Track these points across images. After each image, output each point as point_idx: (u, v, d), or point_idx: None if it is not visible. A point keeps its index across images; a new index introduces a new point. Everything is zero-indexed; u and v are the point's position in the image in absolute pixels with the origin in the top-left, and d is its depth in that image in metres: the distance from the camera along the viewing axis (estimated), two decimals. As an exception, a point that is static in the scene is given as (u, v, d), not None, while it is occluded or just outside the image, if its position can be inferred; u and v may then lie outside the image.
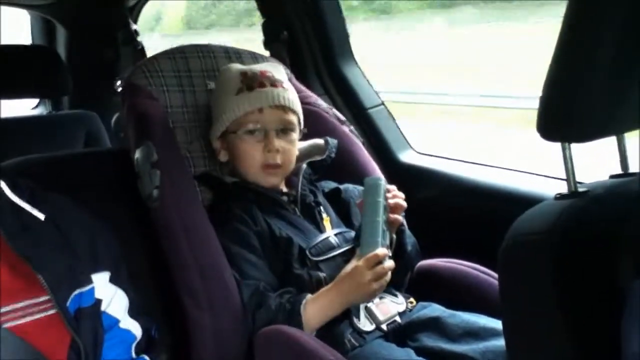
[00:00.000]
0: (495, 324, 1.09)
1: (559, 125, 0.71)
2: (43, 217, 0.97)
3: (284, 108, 1.26)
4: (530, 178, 1.48)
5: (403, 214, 1.25)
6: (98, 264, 0.99)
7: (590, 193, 0.75)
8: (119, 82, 2.18)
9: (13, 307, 0.89)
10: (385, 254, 1.13)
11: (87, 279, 0.97)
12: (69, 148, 2.04)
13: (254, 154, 1.26)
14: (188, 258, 1.15)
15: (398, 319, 1.18)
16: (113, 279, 1.01)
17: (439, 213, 1.53)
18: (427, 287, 1.30)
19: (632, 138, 0.84)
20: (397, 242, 1.25)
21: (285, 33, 1.82)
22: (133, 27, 2.40)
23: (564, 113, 0.70)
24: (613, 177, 0.83)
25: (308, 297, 1.14)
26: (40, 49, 2.43)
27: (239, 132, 1.26)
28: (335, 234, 1.26)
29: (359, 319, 1.15)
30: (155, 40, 2.31)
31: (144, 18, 2.66)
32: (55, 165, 1.30)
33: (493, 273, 1.24)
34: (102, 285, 0.99)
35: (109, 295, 1.00)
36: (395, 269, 1.15)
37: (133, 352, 1.02)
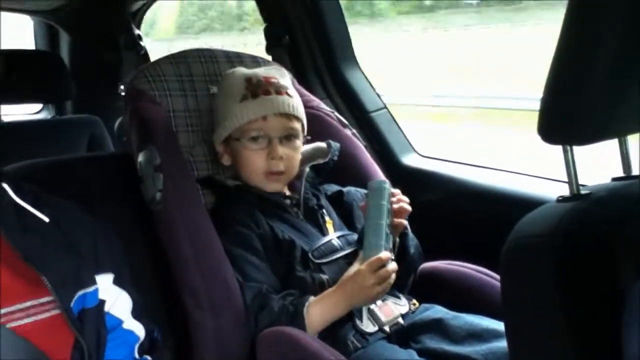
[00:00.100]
0: (498, 326, 1.09)
1: (560, 128, 0.71)
2: (47, 219, 0.97)
3: (288, 116, 1.26)
4: (533, 181, 1.49)
5: (406, 217, 1.25)
6: (102, 266, 1.00)
7: (593, 195, 0.75)
8: (122, 86, 2.19)
9: (16, 307, 0.89)
10: (389, 258, 1.13)
11: (91, 280, 0.97)
12: (73, 152, 2.05)
13: (258, 161, 1.26)
14: (190, 260, 1.15)
15: (401, 321, 1.18)
16: (117, 281, 1.01)
17: (442, 216, 1.54)
18: (429, 289, 1.30)
19: (633, 140, 0.84)
20: (400, 244, 1.25)
21: (287, 37, 1.83)
22: (136, 32, 2.41)
23: (565, 115, 0.70)
24: (615, 179, 0.83)
25: (311, 299, 1.14)
26: (44, 54, 2.44)
27: (243, 139, 1.26)
28: (338, 237, 1.26)
29: (362, 321, 1.15)
30: (149, 45, 2.34)
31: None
32: (59, 169, 1.31)
33: (495, 275, 1.24)
34: (105, 287, 0.99)
35: (113, 297, 1.00)
36: (398, 271, 1.15)
37: (136, 353, 1.02)
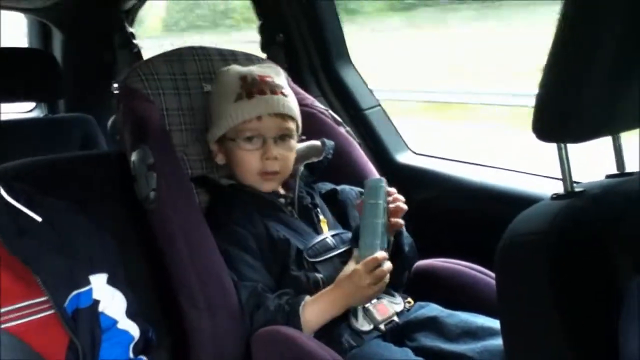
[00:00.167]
0: (493, 324, 1.09)
1: (555, 126, 0.71)
2: (40, 219, 0.97)
3: (283, 116, 1.26)
4: (527, 178, 1.49)
5: (402, 216, 1.24)
6: (96, 266, 0.99)
7: (587, 193, 0.75)
8: (115, 85, 2.18)
9: (10, 308, 0.89)
10: (384, 257, 1.13)
11: (85, 280, 0.97)
12: (65, 151, 2.03)
13: (252, 162, 1.25)
14: (185, 260, 1.15)
15: (396, 319, 1.18)
16: (111, 281, 1.01)
17: (436, 213, 1.54)
18: (424, 287, 1.30)
19: (630, 137, 0.84)
20: (394, 242, 1.25)
21: (282, 35, 1.83)
22: (129, 30, 2.40)
23: (560, 113, 0.70)
24: (609, 176, 0.84)
25: (307, 298, 1.13)
26: (37, 53, 2.42)
27: (237, 139, 1.25)
28: (332, 235, 1.26)
29: (357, 319, 1.15)
30: (140, 43, 2.35)
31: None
32: (51, 169, 1.30)
33: (490, 273, 1.24)
34: (100, 287, 0.99)
35: (107, 296, 1.00)
36: (393, 270, 1.15)
37: (131, 352, 1.02)
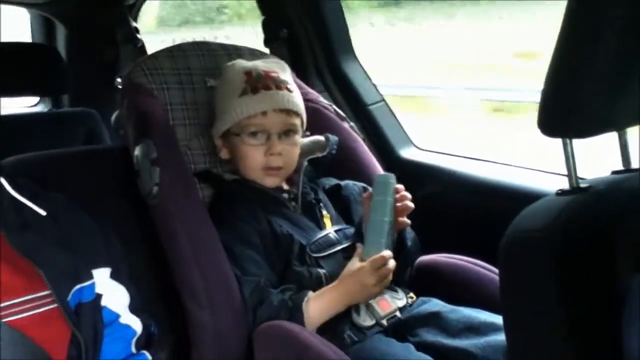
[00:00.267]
0: (496, 319, 1.09)
1: (560, 121, 0.71)
2: (44, 213, 0.97)
3: (288, 111, 1.25)
4: (532, 174, 1.48)
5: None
6: (98, 260, 0.99)
7: (592, 189, 0.75)
8: (119, 79, 2.18)
9: (13, 301, 0.89)
10: (390, 257, 1.13)
11: (87, 274, 0.97)
12: (69, 146, 2.04)
13: (256, 157, 1.25)
14: (187, 255, 1.15)
15: (398, 314, 1.18)
16: (114, 275, 1.01)
17: (440, 209, 1.53)
18: (427, 282, 1.30)
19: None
20: (397, 237, 1.25)
21: (285, 31, 1.82)
22: (132, 24, 2.39)
23: (565, 109, 0.70)
24: (615, 172, 0.83)
25: (310, 294, 1.13)
26: (40, 47, 2.42)
27: (242, 134, 1.25)
28: (336, 231, 1.26)
29: (359, 315, 1.15)
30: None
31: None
32: (56, 163, 1.30)
33: (494, 268, 1.24)
34: (102, 281, 0.99)
35: (110, 291, 1.00)
36: (396, 265, 1.15)
37: (133, 347, 1.02)
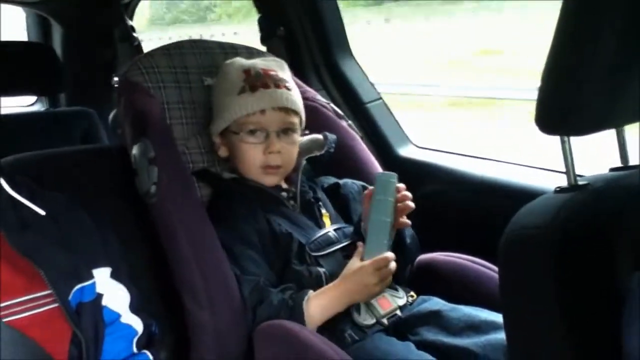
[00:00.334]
0: (496, 318, 1.09)
1: (558, 119, 0.71)
2: (43, 212, 0.97)
3: (287, 110, 1.25)
4: (530, 171, 1.48)
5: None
6: (99, 260, 0.99)
7: (590, 186, 0.75)
8: (116, 78, 2.17)
9: (14, 301, 0.89)
10: (393, 258, 1.13)
11: (88, 274, 0.97)
12: (67, 145, 2.03)
13: (255, 155, 1.25)
14: (186, 254, 1.15)
15: (399, 313, 1.18)
16: (114, 274, 1.01)
17: (439, 207, 1.53)
18: (427, 281, 1.30)
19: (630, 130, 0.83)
20: (396, 236, 1.24)
21: (282, 29, 1.82)
22: (129, 23, 2.38)
23: (563, 106, 0.69)
24: (613, 170, 0.83)
25: (310, 293, 1.13)
26: (36, 46, 2.42)
27: (240, 132, 1.25)
28: (335, 229, 1.26)
29: (360, 314, 1.15)
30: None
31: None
32: (53, 162, 1.30)
33: (493, 267, 1.24)
34: (103, 280, 0.99)
35: (110, 291, 1.00)
36: (396, 264, 1.15)
37: (134, 347, 1.01)
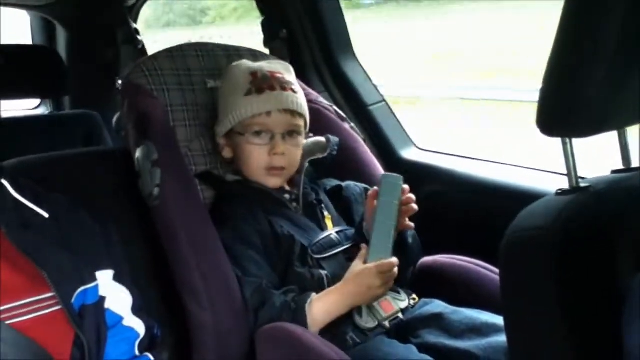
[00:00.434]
0: (498, 320, 1.09)
1: (559, 121, 0.71)
2: (47, 215, 0.97)
3: (292, 112, 1.26)
4: (532, 173, 1.48)
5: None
6: (101, 262, 1.00)
7: (592, 188, 0.75)
8: (119, 81, 2.18)
9: (17, 304, 0.89)
10: (397, 263, 1.13)
11: (91, 276, 0.97)
12: (71, 148, 2.03)
13: (260, 157, 1.25)
14: (189, 257, 1.15)
15: (400, 316, 1.18)
16: (117, 277, 1.01)
17: (441, 209, 1.53)
18: (429, 283, 1.30)
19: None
20: (398, 238, 1.24)
21: (285, 31, 1.82)
22: (133, 26, 2.39)
23: (565, 108, 0.70)
24: (615, 172, 0.83)
25: (313, 296, 1.13)
26: (41, 49, 2.42)
27: (245, 134, 1.25)
28: (337, 232, 1.26)
29: (361, 316, 1.15)
30: None
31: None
32: (57, 165, 1.30)
33: (495, 269, 1.24)
34: (106, 283, 0.99)
35: (113, 293, 1.00)
36: (398, 265, 1.15)
37: (136, 349, 1.02)
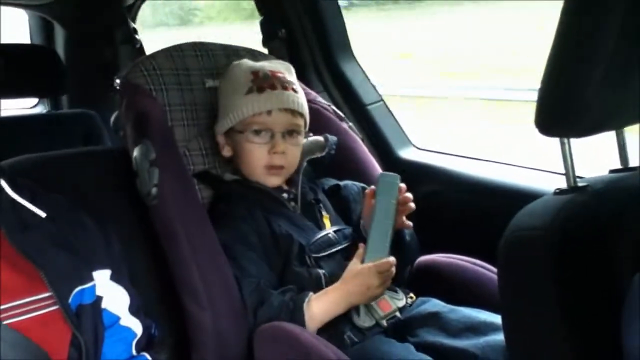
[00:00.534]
0: (495, 319, 1.09)
1: (557, 121, 0.71)
2: (44, 214, 0.97)
3: (293, 112, 1.26)
4: (531, 173, 1.48)
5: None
6: (99, 262, 1.00)
7: (590, 188, 0.75)
8: (118, 80, 2.17)
9: (14, 303, 0.89)
10: (395, 263, 1.13)
11: (88, 276, 0.97)
12: (69, 147, 2.03)
13: (259, 155, 1.25)
14: (187, 256, 1.15)
15: (398, 315, 1.18)
16: (114, 277, 1.01)
17: (439, 208, 1.53)
18: (427, 282, 1.30)
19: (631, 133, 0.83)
20: (396, 237, 1.24)
21: (284, 31, 1.82)
22: (131, 25, 2.39)
23: (563, 108, 0.70)
24: (612, 171, 0.83)
25: (311, 295, 1.13)
26: (39, 49, 2.42)
27: (246, 132, 1.25)
28: (335, 231, 1.26)
29: (359, 315, 1.15)
30: None
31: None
32: (55, 164, 1.30)
33: (493, 268, 1.24)
34: (103, 283, 0.99)
35: (110, 293, 1.00)
36: (395, 264, 1.15)
37: (134, 349, 1.02)
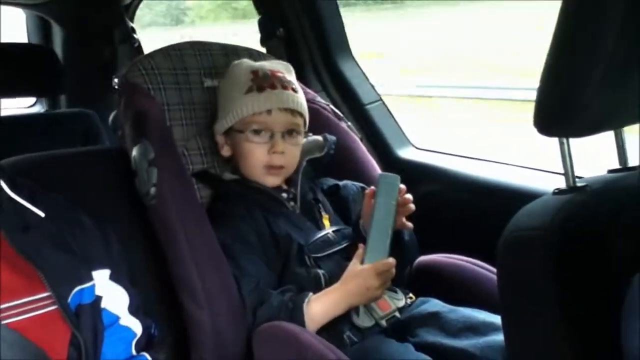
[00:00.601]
0: (495, 319, 1.09)
1: (556, 120, 0.71)
2: (43, 214, 0.97)
3: (293, 111, 1.26)
4: (529, 173, 1.48)
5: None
6: (98, 261, 1.00)
7: (589, 188, 0.75)
8: (116, 80, 2.17)
9: (13, 303, 0.89)
10: (394, 264, 1.13)
11: (87, 276, 0.97)
12: (67, 146, 2.02)
13: (259, 155, 1.25)
14: (186, 256, 1.15)
15: (397, 315, 1.18)
16: (113, 277, 1.01)
17: (438, 208, 1.53)
18: (426, 282, 1.30)
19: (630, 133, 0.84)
20: (396, 237, 1.24)
21: (282, 30, 1.82)
22: (129, 25, 2.39)
23: (562, 107, 0.70)
24: (611, 171, 0.83)
25: (310, 295, 1.13)
26: (36, 48, 2.42)
27: (245, 131, 1.25)
28: (334, 231, 1.26)
29: (358, 315, 1.15)
30: None
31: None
32: (54, 164, 1.30)
33: (492, 268, 1.24)
34: (102, 283, 0.99)
35: (109, 293, 1.00)
36: (395, 264, 1.15)
37: (133, 349, 1.02)
